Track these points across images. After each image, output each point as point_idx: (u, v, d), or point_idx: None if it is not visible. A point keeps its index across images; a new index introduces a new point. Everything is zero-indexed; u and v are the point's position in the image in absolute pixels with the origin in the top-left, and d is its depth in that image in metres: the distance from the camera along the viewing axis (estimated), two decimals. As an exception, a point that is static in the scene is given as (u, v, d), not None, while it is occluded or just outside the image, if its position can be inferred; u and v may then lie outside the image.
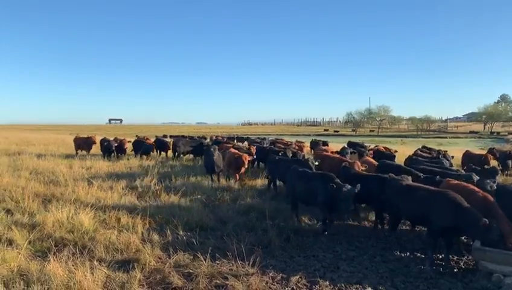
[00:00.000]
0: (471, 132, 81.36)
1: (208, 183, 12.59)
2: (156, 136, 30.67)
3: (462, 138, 70.61)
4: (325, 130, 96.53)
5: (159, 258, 6.49)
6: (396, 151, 16.83)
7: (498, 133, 75.30)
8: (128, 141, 21.60)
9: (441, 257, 6.79)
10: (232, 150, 14.94)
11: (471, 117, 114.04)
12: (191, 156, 21.07)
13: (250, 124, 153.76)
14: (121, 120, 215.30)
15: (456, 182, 8.05)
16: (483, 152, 18.57)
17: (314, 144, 24.62)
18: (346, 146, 18.14)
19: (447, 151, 17.60)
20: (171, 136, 40.45)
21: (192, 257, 6.46)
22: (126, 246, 6.87)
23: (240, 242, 7.02)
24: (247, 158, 13.22)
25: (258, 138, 29.64)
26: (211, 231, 7.99)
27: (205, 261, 6.16)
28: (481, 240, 6.04)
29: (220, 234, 7.68)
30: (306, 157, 11.64)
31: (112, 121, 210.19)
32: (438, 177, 8.81)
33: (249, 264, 6.10)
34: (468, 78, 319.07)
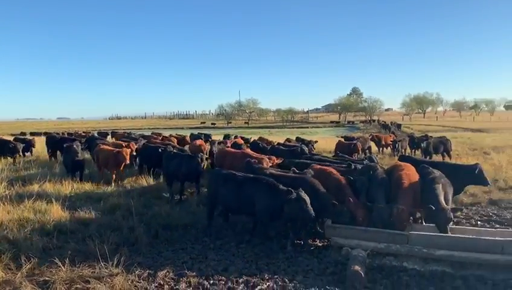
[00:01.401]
0: (332, 122, 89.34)
1: (69, 184, 11.56)
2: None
3: (321, 127, 77.25)
4: (201, 122, 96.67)
5: (9, 269, 5.81)
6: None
7: (353, 122, 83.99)
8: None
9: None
10: (104, 146, 13.92)
11: (328, 108, 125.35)
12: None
13: (119, 118, 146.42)
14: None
15: (319, 167, 8.77)
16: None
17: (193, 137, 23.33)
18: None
19: (317, 141, 18.93)
20: (32, 134, 36.57)
21: (48, 263, 5.94)
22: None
23: (104, 243, 6.68)
24: (128, 153, 12.49)
25: (125, 132, 28.42)
26: (70, 233, 7.43)
27: (64, 266, 5.71)
28: (332, 220, 6.79)
29: (81, 236, 7.19)
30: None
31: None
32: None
33: (113, 264, 5.83)
34: (326, 72, 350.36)
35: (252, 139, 19.67)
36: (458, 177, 8.33)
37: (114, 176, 12.38)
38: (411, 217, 7.22)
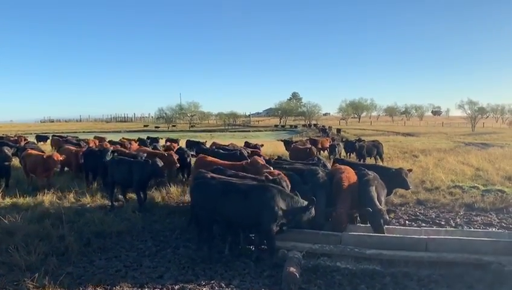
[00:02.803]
0: (275, 126, 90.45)
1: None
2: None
3: (263, 130, 78.07)
4: (144, 126, 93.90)
5: None
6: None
7: (296, 126, 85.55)
8: None
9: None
10: (32, 151, 13.11)
11: (269, 112, 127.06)
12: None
13: (51, 121, 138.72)
14: None
15: None
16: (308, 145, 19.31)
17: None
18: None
19: (262, 145, 19.11)
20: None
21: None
22: None
23: (30, 253, 6.32)
24: (59, 158, 11.82)
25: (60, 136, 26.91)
26: (-7, 245, 6.94)
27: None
28: None
29: (5, 247, 6.71)
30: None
31: None
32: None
33: (40, 275, 5.55)
34: (267, 77, 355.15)
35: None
36: (387, 179, 8.76)
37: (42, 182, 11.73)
38: (349, 219, 7.52)
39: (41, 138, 32.83)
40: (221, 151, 13.63)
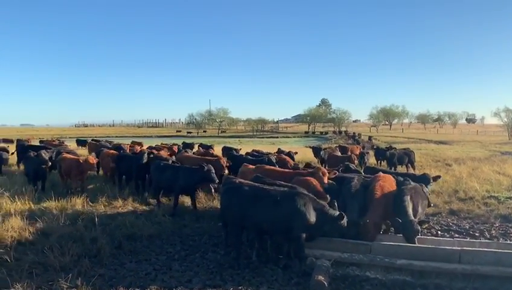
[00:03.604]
0: (306, 132, 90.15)
1: (29, 195, 11.05)
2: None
3: (291, 137, 77.91)
4: (177, 131, 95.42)
5: (-37, 283, 5.57)
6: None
7: (326, 133, 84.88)
8: None
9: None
10: (67, 155, 13.54)
11: (298, 119, 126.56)
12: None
13: (85, 125, 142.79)
14: None
15: None
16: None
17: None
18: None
19: (296, 152, 18.95)
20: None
21: (5, 276, 5.73)
22: None
23: (64, 254, 6.51)
24: (93, 161, 12.20)
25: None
26: (30, 245, 7.17)
27: (21, 279, 5.56)
28: None
29: (40, 247, 6.95)
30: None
31: None
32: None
33: (73, 276, 5.71)
34: (295, 83, 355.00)
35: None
36: None
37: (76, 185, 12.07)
38: (381, 228, 7.39)
39: (80, 142, 34.09)
40: (250, 157, 13.69)
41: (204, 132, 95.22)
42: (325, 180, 8.47)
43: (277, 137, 76.66)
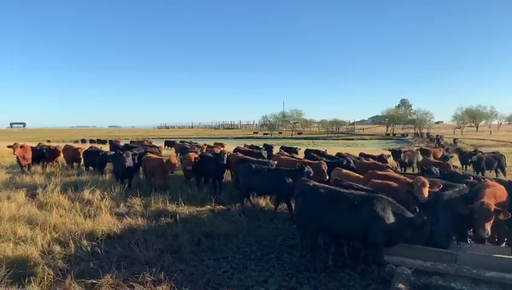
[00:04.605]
0: (387, 134, 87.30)
1: (117, 192, 11.88)
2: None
3: (368, 139, 75.70)
4: (254, 132, 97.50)
5: (60, 270, 6.10)
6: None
7: (406, 134, 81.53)
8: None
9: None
10: (151, 155, 14.32)
11: (375, 120, 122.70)
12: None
13: (167, 127, 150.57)
14: (24, 124, 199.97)
15: None
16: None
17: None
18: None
19: (390, 155, 18.50)
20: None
21: (96, 267, 6.20)
22: (23, 259, 6.40)
23: (148, 249, 6.88)
24: (175, 161, 12.87)
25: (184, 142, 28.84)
26: (118, 239, 7.70)
27: (110, 270, 5.97)
28: None
29: (127, 241, 7.42)
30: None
31: (14, 125, 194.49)
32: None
33: (156, 270, 6.01)
34: (372, 83, 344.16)
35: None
36: None
37: (159, 183, 12.69)
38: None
39: (168, 143, 36.22)
40: (324, 159, 13.41)
41: (280, 133, 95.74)
42: (425, 192, 7.35)
43: (353, 139, 74.97)
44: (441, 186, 7.78)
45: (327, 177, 10.66)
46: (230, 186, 13.40)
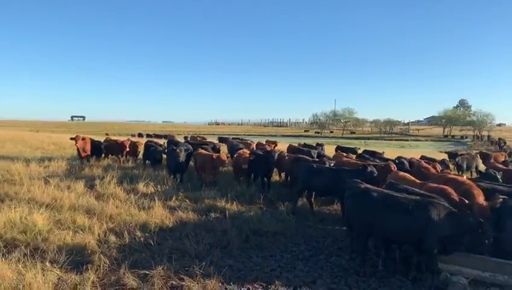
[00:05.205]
0: (445, 136, 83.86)
1: (170, 185, 12.25)
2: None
3: (423, 140, 72.89)
4: (305, 130, 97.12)
5: (115, 259, 6.38)
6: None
7: (466, 136, 77.84)
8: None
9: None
10: (202, 151, 14.61)
11: (431, 121, 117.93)
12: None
13: (217, 123, 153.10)
14: (83, 117, 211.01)
15: None
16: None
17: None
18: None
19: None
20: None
21: (148, 258, 6.43)
22: (81, 247, 6.75)
23: (199, 243, 7.03)
24: (225, 157, 13.12)
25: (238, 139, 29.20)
26: (169, 231, 7.93)
27: (162, 261, 6.17)
28: None
29: (178, 234, 7.64)
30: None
31: (74, 118, 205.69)
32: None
33: (206, 264, 6.14)
34: (429, 82, 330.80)
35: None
36: None
37: (209, 179, 12.93)
38: None
39: (222, 139, 36.88)
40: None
41: (331, 132, 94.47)
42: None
43: (407, 140, 72.46)
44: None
45: None
46: (278, 185, 13.41)
